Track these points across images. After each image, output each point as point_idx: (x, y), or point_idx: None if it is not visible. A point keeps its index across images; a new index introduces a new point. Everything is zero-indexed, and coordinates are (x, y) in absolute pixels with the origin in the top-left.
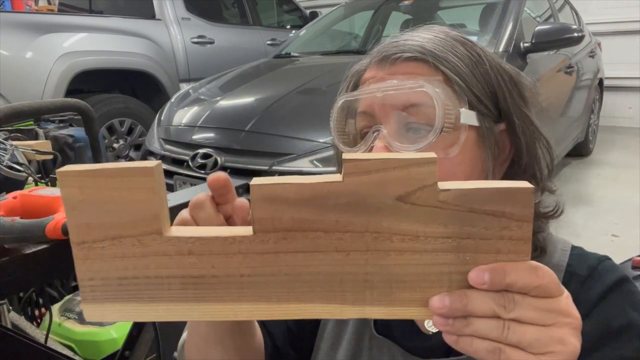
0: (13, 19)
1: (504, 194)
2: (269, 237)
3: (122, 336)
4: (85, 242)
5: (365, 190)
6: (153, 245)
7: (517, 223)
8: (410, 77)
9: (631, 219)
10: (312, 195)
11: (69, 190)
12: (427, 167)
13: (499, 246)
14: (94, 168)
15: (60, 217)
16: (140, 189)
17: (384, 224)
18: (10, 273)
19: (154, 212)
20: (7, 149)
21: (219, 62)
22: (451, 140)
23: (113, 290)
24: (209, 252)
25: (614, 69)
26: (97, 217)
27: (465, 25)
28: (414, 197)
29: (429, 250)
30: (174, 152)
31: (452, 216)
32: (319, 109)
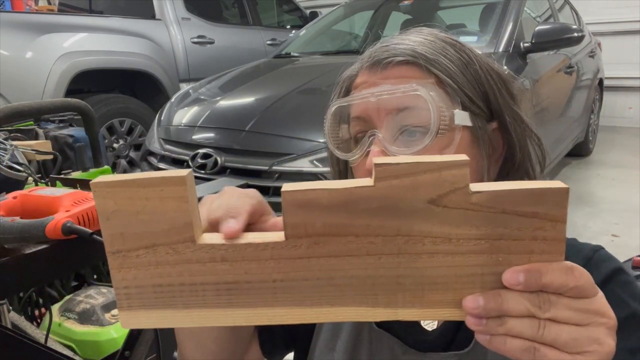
0: (13, 19)
1: (536, 195)
2: (301, 243)
3: (122, 336)
4: (119, 251)
5: (397, 194)
6: (186, 252)
7: (551, 223)
8: (402, 81)
9: (631, 219)
10: (344, 200)
11: (103, 202)
12: (459, 170)
13: (533, 247)
14: (127, 179)
15: (60, 217)
16: (172, 198)
17: (416, 227)
18: (10, 273)
19: (186, 220)
20: (7, 149)
21: (219, 62)
22: (446, 141)
23: (148, 297)
24: (242, 259)
25: (614, 69)
26: (131, 227)
27: (465, 25)
28: (445, 199)
29: (461, 252)
30: (174, 152)
31: (485, 218)
32: (319, 109)
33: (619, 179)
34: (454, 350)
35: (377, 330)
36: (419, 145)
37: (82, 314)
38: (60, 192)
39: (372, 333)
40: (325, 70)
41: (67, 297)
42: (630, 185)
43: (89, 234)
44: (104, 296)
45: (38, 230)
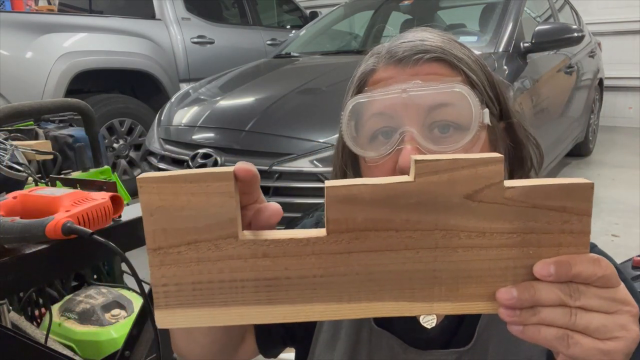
0: (13, 19)
1: (565, 190)
2: (342, 238)
3: (122, 336)
4: (161, 247)
5: (435, 190)
6: (228, 249)
7: (577, 217)
8: (434, 78)
9: (631, 219)
10: (385, 195)
11: (148, 197)
12: (494, 166)
13: (561, 240)
14: (173, 174)
15: (60, 217)
16: (217, 194)
17: (452, 221)
18: (10, 273)
19: (230, 216)
20: (7, 149)
21: (219, 62)
22: (475, 139)
23: (186, 295)
24: (283, 254)
25: (614, 69)
26: (174, 223)
27: (465, 25)
28: (481, 195)
29: (494, 246)
30: (174, 152)
31: (517, 212)
32: (319, 109)
33: (619, 179)
34: (455, 348)
35: (376, 330)
36: (455, 143)
37: (82, 314)
38: (60, 192)
39: (372, 332)
40: (325, 70)
41: (67, 297)
42: (630, 185)
43: (89, 234)
44: (104, 296)
45: (38, 230)
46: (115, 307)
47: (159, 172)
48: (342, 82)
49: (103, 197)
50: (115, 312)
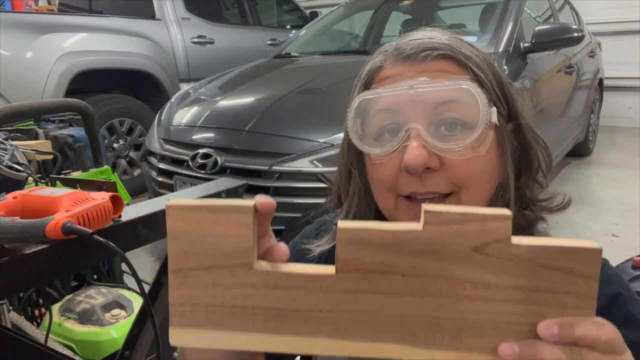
0: (13, 19)
1: (573, 253)
2: (350, 277)
3: (122, 336)
4: (182, 269)
5: (443, 240)
6: (243, 276)
7: (584, 280)
8: (441, 75)
9: (631, 219)
10: (393, 241)
11: (174, 222)
12: (503, 223)
13: (566, 300)
14: (199, 204)
15: (60, 217)
16: (236, 225)
17: (458, 272)
18: (10, 273)
19: (246, 246)
20: (7, 149)
21: (219, 62)
22: (482, 138)
23: (200, 316)
24: (293, 287)
25: (614, 69)
26: (195, 247)
27: (465, 25)
28: (488, 249)
29: (499, 300)
30: (174, 152)
31: (523, 269)
32: (319, 109)
33: (619, 179)
34: None
35: None
36: (463, 140)
37: (82, 314)
38: (60, 192)
39: None
40: (325, 70)
41: (67, 297)
42: (630, 185)
43: (89, 234)
44: (104, 296)
45: (38, 230)
46: (115, 307)
47: (186, 199)
48: (342, 82)
49: (103, 197)
50: (115, 312)
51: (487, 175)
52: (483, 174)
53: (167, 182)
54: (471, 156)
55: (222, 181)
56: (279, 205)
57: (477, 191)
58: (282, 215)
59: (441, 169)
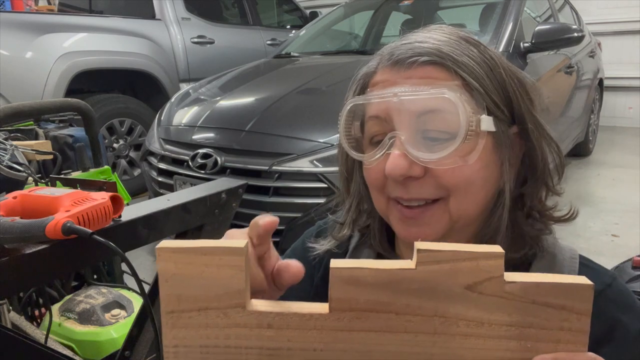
0: (13, 19)
1: (565, 289)
2: (344, 316)
3: (122, 336)
4: (174, 311)
5: (436, 278)
6: (236, 317)
7: (576, 316)
8: (427, 82)
9: (631, 219)
10: (387, 280)
11: (165, 264)
12: (495, 261)
13: (559, 336)
14: (190, 246)
15: (60, 217)
16: (228, 267)
17: (452, 310)
18: (10, 273)
19: (239, 287)
20: (7, 149)
21: (219, 62)
22: (470, 146)
23: (194, 357)
24: (287, 327)
25: (614, 69)
26: (187, 290)
27: (465, 25)
28: (481, 287)
29: (492, 337)
30: (174, 152)
31: (516, 306)
32: (319, 109)
33: (619, 179)
34: None
35: None
36: (443, 150)
37: (82, 314)
38: (60, 192)
39: None
40: (325, 70)
41: (67, 297)
42: (630, 185)
43: (89, 234)
44: (104, 296)
45: (38, 230)
46: (115, 307)
47: (177, 241)
48: (342, 82)
49: (103, 197)
50: (115, 312)
51: (477, 183)
52: (472, 182)
53: (167, 182)
54: (456, 165)
55: (222, 181)
56: (279, 205)
57: (466, 199)
58: (282, 215)
59: (426, 176)
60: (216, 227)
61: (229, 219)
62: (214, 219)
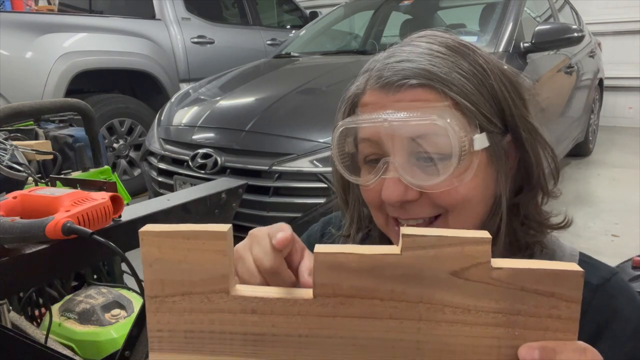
0: (13, 19)
1: (554, 276)
2: (328, 302)
3: (122, 336)
4: (158, 296)
5: (421, 264)
6: (220, 302)
7: (565, 303)
8: (417, 105)
9: (631, 219)
10: (372, 265)
11: (148, 249)
12: (482, 246)
13: (548, 324)
14: (172, 230)
15: (60, 217)
16: (212, 251)
17: (437, 296)
18: (10, 273)
19: (223, 272)
20: (7, 149)
21: (219, 62)
22: (465, 166)
23: (178, 342)
24: (271, 312)
25: (614, 69)
26: (171, 274)
27: (465, 25)
28: (467, 273)
29: (479, 324)
30: (174, 152)
31: (504, 293)
32: (319, 109)
33: (619, 179)
34: None
35: None
36: (438, 176)
37: (82, 314)
38: (60, 192)
39: None
40: (325, 70)
41: (67, 297)
42: (630, 185)
43: (89, 234)
44: (104, 296)
45: (38, 230)
46: (115, 307)
47: (161, 225)
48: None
49: (103, 197)
50: (115, 312)
51: (475, 199)
52: (469, 199)
53: (167, 182)
54: (452, 187)
55: (222, 181)
56: (279, 205)
57: (465, 214)
58: (282, 215)
59: (423, 197)
60: None
61: (229, 219)
62: (214, 219)
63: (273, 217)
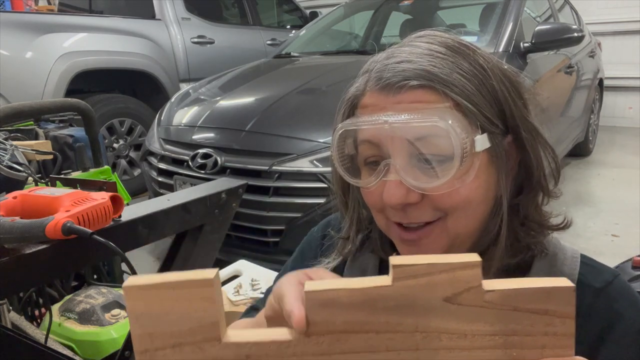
0: (13, 19)
1: (546, 293)
2: (323, 340)
3: (122, 336)
4: (147, 350)
5: (414, 293)
6: (212, 351)
7: (560, 320)
8: (418, 106)
9: (631, 219)
10: (363, 299)
11: (133, 303)
12: (472, 270)
13: (544, 341)
14: (157, 282)
15: (60, 217)
16: (199, 299)
17: (433, 323)
18: (10, 273)
19: (212, 320)
20: (7, 149)
21: (219, 62)
22: (466, 168)
23: None
24: (265, 356)
25: (614, 69)
26: (159, 327)
27: (465, 25)
28: (460, 298)
29: (476, 348)
30: (174, 152)
31: (498, 315)
32: (319, 109)
33: (619, 179)
34: None
35: None
36: (439, 178)
37: (82, 314)
38: (60, 192)
39: None
40: (325, 70)
41: (67, 297)
42: (630, 185)
43: (89, 234)
44: (104, 296)
45: (38, 230)
46: (115, 307)
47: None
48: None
49: (103, 197)
50: (115, 312)
51: (476, 200)
52: (470, 201)
53: (167, 182)
54: (454, 188)
55: (222, 181)
56: (279, 205)
57: (465, 216)
58: (282, 215)
59: (424, 200)
60: (216, 227)
61: (229, 219)
62: (214, 219)
63: (273, 217)
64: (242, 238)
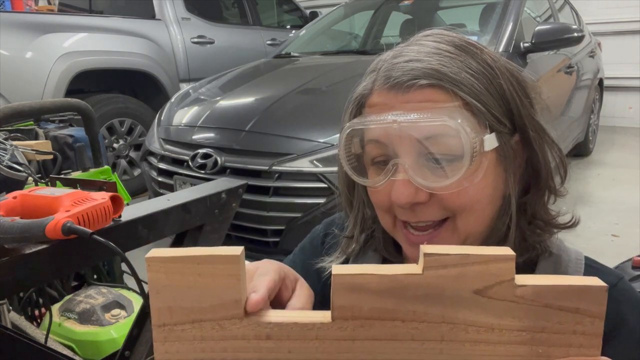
0: (13, 19)
1: (578, 291)
2: (347, 325)
3: (122, 336)
4: (166, 324)
5: (444, 283)
6: (232, 329)
7: (590, 319)
8: (427, 106)
9: (631, 219)
10: (392, 286)
11: (155, 275)
12: (506, 264)
13: (572, 340)
14: (182, 255)
15: (60, 217)
16: (224, 276)
17: (460, 315)
18: (10, 273)
19: (235, 297)
20: (7, 149)
21: (219, 62)
22: (475, 167)
23: None
24: (287, 337)
25: (614, 69)
26: (180, 301)
27: (465, 25)
28: (491, 291)
29: (503, 342)
30: (174, 152)
31: (528, 311)
32: (319, 109)
33: (619, 179)
34: None
35: None
36: (448, 178)
37: (82, 314)
38: (60, 192)
39: None
40: (325, 70)
41: (67, 297)
42: (630, 185)
43: (89, 234)
44: (104, 296)
45: (38, 230)
46: (115, 307)
47: (168, 250)
48: (342, 82)
49: (103, 197)
50: (115, 312)
51: (484, 200)
52: (478, 200)
53: (167, 182)
54: (462, 188)
55: (222, 181)
56: (279, 205)
57: (474, 216)
58: (282, 215)
59: (432, 199)
60: (216, 227)
61: (229, 219)
62: (214, 219)
63: (273, 217)
64: (242, 238)
